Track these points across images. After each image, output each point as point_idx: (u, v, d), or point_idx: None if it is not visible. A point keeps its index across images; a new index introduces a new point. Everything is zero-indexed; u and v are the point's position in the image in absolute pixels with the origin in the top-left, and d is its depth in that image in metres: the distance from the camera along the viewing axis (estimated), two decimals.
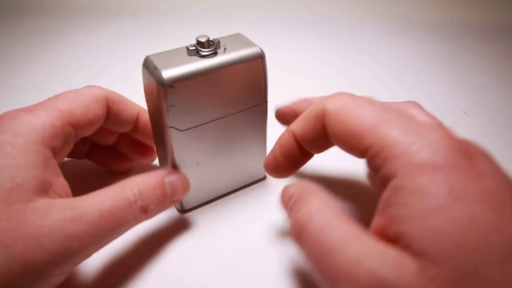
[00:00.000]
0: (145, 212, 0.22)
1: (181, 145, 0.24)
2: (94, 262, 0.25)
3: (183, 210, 0.28)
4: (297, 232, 0.18)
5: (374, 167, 0.17)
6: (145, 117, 0.28)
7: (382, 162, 0.17)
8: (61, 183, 0.21)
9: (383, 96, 0.44)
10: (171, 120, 0.23)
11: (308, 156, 0.23)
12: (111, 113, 0.26)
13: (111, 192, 0.21)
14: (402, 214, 0.15)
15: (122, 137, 0.30)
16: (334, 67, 0.51)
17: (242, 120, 0.26)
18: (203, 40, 0.23)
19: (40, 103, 0.23)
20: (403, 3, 0.68)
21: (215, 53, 0.23)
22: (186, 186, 0.25)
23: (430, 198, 0.15)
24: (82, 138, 0.28)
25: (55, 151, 0.22)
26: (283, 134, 0.23)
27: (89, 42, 0.57)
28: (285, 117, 0.27)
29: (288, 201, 0.20)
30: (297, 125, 0.22)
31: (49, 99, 0.23)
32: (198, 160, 0.26)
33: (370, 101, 0.19)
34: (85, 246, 0.19)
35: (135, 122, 0.28)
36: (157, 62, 0.22)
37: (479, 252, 0.14)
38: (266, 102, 0.27)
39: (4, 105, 0.23)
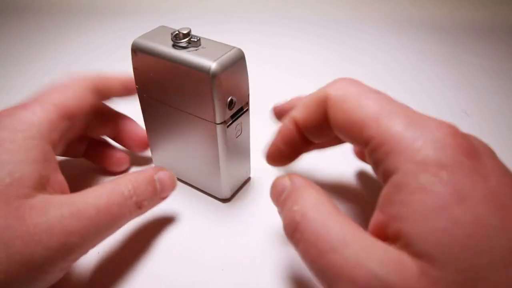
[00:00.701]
0: (140, 207, 0.22)
1: (149, 113, 0.27)
2: (94, 262, 0.25)
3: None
4: (290, 230, 0.17)
5: (375, 160, 0.17)
6: (129, 78, 0.28)
7: (383, 156, 0.16)
8: (59, 179, 0.21)
9: None
10: (136, 81, 0.26)
11: (309, 144, 0.22)
12: (102, 94, 0.26)
13: (106, 188, 0.21)
14: (403, 213, 0.15)
15: (118, 130, 0.31)
16: (334, 67, 0.51)
17: (194, 125, 0.26)
18: (183, 31, 0.24)
19: (33, 99, 0.23)
20: (403, 3, 0.68)
21: (184, 48, 0.23)
22: (173, 183, 0.25)
23: (434, 198, 0.14)
24: (79, 135, 0.28)
25: (54, 145, 0.22)
26: (283, 121, 0.22)
27: (89, 42, 0.57)
28: (281, 114, 0.27)
29: (279, 196, 0.19)
30: (299, 112, 0.21)
31: (41, 94, 0.23)
32: (166, 143, 0.28)
33: (374, 90, 0.18)
34: (83, 242, 0.19)
35: (124, 89, 0.28)
36: (144, 35, 0.25)
37: (483, 255, 0.13)
38: (221, 124, 0.24)
39: (4, 105, 0.23)
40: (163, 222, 0.28)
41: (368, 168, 0.32)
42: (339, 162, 0.33)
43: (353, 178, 0.32)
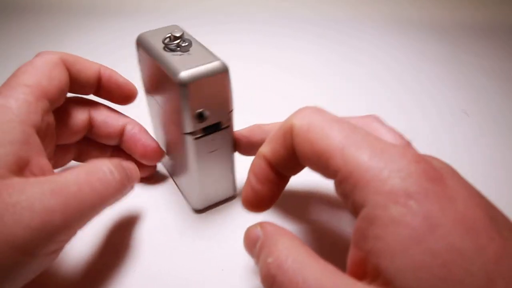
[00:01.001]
0: (123, 184, 0.21)
1: (151, 109, 0.29)
2: (93, 261, 0.25)
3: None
4: (268, 284, 0.17)
5: (343, 192, 0.16)
6: (106, 73, 0.27)
7: (351, 188, 0.16)
8: (41, 162, 0.20)
9: (383, 96, 0.44)
10: (140, 74, 0.28)
11: (286, 179, 0.21)
12: (71, 74, 0.25)
13: (86, 166, 0.20)
14: (379, 248, 0.15)
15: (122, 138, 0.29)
16: (334, 67, 0.51)
17: (173, 129, 0.25)
18: (175, 34, 0.24)
19: (3, 85, 0.21)
20: (403, 3, 0.68)
21: (172, 50, 0.23)
22: (137, 173, 0.24)
23: (406, 230, 0.14)
24: (64, 145, 0.27)
25: (38, 128, 0.21)
26: (254, 159, 0.21)
27: (89, 42, 0.57)
28: (238, 143, 0.27)
29: (252, 246, 0.19)
30: (266, 147, 0.20)
31: (10, 78, 0.22)
32: (162, 140, 0.29)
33: (337, 119, 0.18)
34: (67, 220, 0.18)
35: (98, 81, 0.26)
36: (152, 31, 0.26)
37: (462, 283, 0.13)
38: (188, 134, 0.24)
39: None
40: (162, 223, 0.28)
41: None
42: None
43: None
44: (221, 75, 0.22)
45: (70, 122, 0.26)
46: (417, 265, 0.14)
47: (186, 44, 0.23)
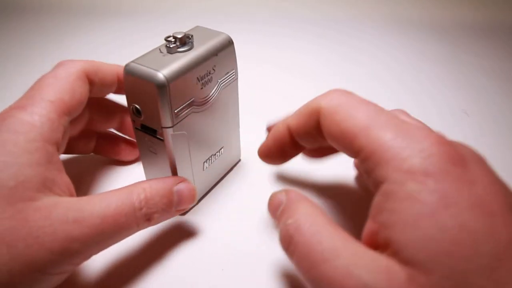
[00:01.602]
0: (149, 220, 0.22)
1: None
2: (94, 261, 0.25)
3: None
4: (286, 243, 0.18)
5: (366, 169, 0.17)
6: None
7: (373, 165, 0.16)
8: (64, 179, 0.21)
9: (383, 96, 0.44)
10: None
11: (300, 149, 0.23)
12: (94, 84, 0.25)
13: (117, 196, 0.21)
14: (392, 221, 0.15)
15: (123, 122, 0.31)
16: (334, 67, 0.51)
17: None
18: (177, 35, 0.24)
19: (27, 98, 0.22)
20: (403, 3, 0.68)
21: (159, 50, 0.24)
22: (193, 196, 0.24)
23: (420, 205, 0.15)
24: (87, 133, 0.29)
25: (57, 145, 0.21)
26: (277, 125, 0.23)
27: (89, 42, 0.57)
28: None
29: (275, 210, 0.20)
30: (293, 119, 0.22)
31: (33, 90, 0.23)
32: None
33: (364, 102, 0.19)
34: (85, 248, 0.19)
35: (118, 82, 0.27)
36: (180, 32, 0.24)
37: (469, 260, 0.14)
38: (132, 121, 0.24)
39: (4, 105, 0.23)
40: (162, 223, 0.28)
41: None
42: (343, 166, 0.33)
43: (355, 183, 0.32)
44: (152, 85, 0.21)
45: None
46: (426, 239, 0.14)
47: (174, 46, 0.23)
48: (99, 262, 0.25)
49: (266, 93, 0.44)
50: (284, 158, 0.24)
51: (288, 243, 0.18)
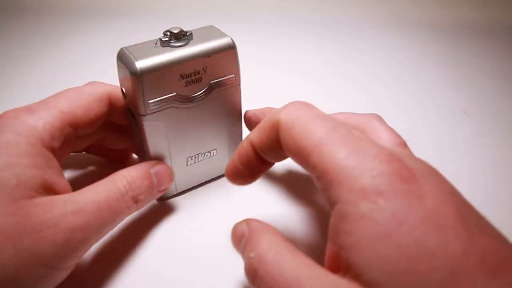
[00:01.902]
0: (136, 202, 0.23)
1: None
2: (90, 264, 0.25)
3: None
4: (251, 277, 0.18)
5: (321, 188, 0.17)
6: None
7: (327, 185, 0.16)
8: (62, 183, 0.22)
9: (383, 96, 0.44)
10: None
11: (267, 165, 0.22)
12: (114, 109, 0.26)
13: (103, 185, 0.22)
14: (349, 243, 0.15)
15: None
16: (334, 67, 0.51)
17: None
18: (173, 30, 0.24)
19: (42, 102, 0.23)
20: (403, 3, 0.68)
21: (154, 43, 0.24)
22: (170, 176, 0.26)
23: (374, 225, 0.15)
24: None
25: (54, 152, 0.22)
26: (242, 142, 0.22)
27: (89, 42, 0.57)
28: (249, 122, 0.29)
29: (239, 242, 0.20)
30: (254, 135, 0.21)
31: (52, 97, 0.24)
32: None
33: (322, 116, 0.18)
34: (87, 237, 0.20)
35: None
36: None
37: (427, 276, 0.14)
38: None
39: (4, 105, 0.23)
40: (162, 223, 0.28)
41: None
42: None
43: None
44: (128, 72, 0.23)
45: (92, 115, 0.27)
46: (383, 259, 0.14)
47: (166, 40, 0.24)
48: (95, 263, 0.25)
49: (266, 93, 0.44)
50: (253, 176, 0.23)
51: (253, 277, 0.18)
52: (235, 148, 0.30)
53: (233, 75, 0.26)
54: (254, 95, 0.42)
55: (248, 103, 0.35)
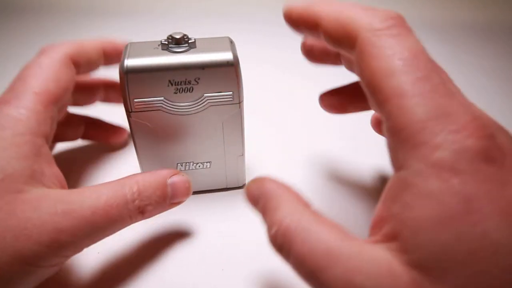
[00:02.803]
0: (142, 213, 0.21)
1: None
2: (95, 262, 0.25)
3: None
4: (278, 246, 0.17)
5: (390, 142, 0.15)
6: (109, 46, 0.28)
7: (398, 142, 0.14)
8: (53, 171, 0.21)
9: None
10: None
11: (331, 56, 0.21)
12: (79, 66, 0.25)
13: (109, 189, 0.20)
14: (405, 216, 0.14)
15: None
16: (334, 67, 0.51)
17: None
18: (176, 36, 0.24)
19: (11, 90, 0.22)
20: (403, 3, 0.68)
21: (156, 46, 0.24)
22: (187, 189, 0.23)
23: (440, 207, 0.13)
24: (75, 120, 0.29)
25: (46, 136, 0.21)
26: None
27: None
28: (297, 21, 0.25)
29: (255, 204, 0.19)
30: (327, 16, 0.19)
31: (17, 81, 0.22)
32: None
33: (419, 52, 0.16)
34: (75, 240, 0.19)
35: (104, 56, 0.28)
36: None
37: (485, 275, 0.12)
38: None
39: None
40: (162, 223, 0.28)
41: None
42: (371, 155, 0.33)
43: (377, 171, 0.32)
44: (120, 72, 0.23)
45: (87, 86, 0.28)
46: (440, 245, 0.13)
47: (166, 44, 0.24)
48: (95, 261, 0.25)
49: (266, 93, 0.44)
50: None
51: (281, 246, 0.16)
52: (233, 167, 0.29)
53: (231, 93, 0.25)
54: (254, 95, 0.42)
55: (248, 102, 0.35)
